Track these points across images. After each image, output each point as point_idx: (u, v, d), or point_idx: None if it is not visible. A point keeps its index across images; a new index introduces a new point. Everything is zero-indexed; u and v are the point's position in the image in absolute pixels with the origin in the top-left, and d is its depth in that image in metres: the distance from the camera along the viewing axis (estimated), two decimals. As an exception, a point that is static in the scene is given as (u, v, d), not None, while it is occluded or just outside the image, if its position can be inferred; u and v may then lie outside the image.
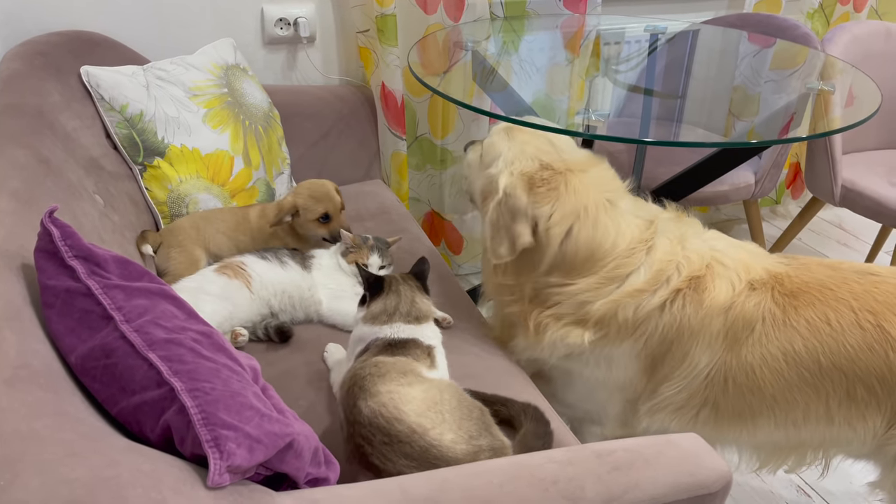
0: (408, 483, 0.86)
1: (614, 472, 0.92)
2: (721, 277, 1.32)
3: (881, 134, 2.55)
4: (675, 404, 1.35)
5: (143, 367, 0.81)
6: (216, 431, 0.75)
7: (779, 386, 1.29)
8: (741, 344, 1.29)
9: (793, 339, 1.28)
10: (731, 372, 1.30)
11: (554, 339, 1.35)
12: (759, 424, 1.34)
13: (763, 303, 1.30)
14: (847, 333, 1.26)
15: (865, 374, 1.25)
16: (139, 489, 0.67)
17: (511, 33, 2.35)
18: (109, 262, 0.91)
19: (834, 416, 1.30)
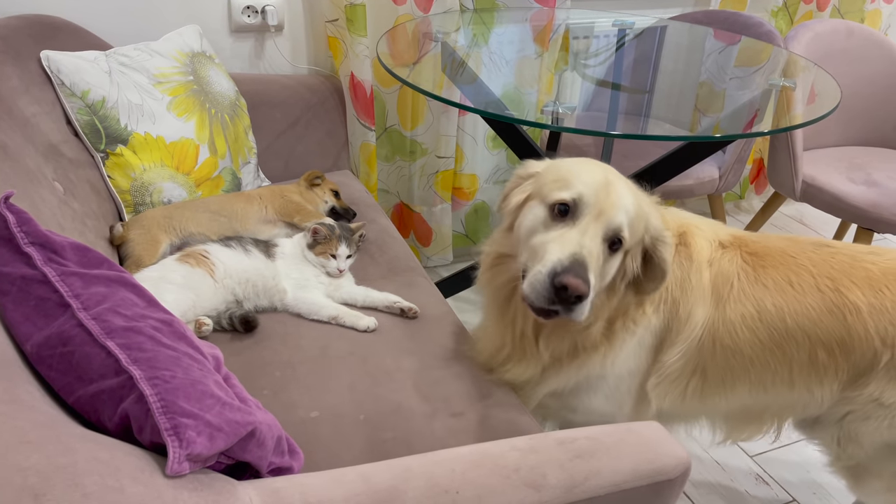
0: (370, 472, 0.86)
1: (576, 459, 0.93)
2: (698, 236, 1.33)
3: (841, 131, 2.61)
4: (672, 375, 1.33)
5: (101, 356, 0.79)
6: (176, 419, 0.74)
7: (755, 347, 1.30)
8: (724, 301, 1.29)
9: (763, 297, 1.29)
10: (718, 333, 1.29)
11: (623, 333, 1.29)
12: (736, 390, 1.35)
13: (735, 260, 1.32)
14: (808, 295, 1.28)
15: (826, 337, 1.28)
16: (96, 476, 0.66)
17: (481, 25, 2.35)
18: (67, 249, 0.89)
19: (796, 380, 1.32)
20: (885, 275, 1.28)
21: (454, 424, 1.26)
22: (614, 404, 1.36)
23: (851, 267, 1.30)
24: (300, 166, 2.14)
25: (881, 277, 1.28)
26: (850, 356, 1.28)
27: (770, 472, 1.91)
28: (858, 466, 1.39)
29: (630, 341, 1.29)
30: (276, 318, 1.52)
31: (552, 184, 1.19)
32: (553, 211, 1.16)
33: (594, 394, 1.35)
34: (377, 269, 1.73)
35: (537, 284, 1.10)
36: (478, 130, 2.56)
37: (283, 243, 1.63)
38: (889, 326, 1.25)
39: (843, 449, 1.38)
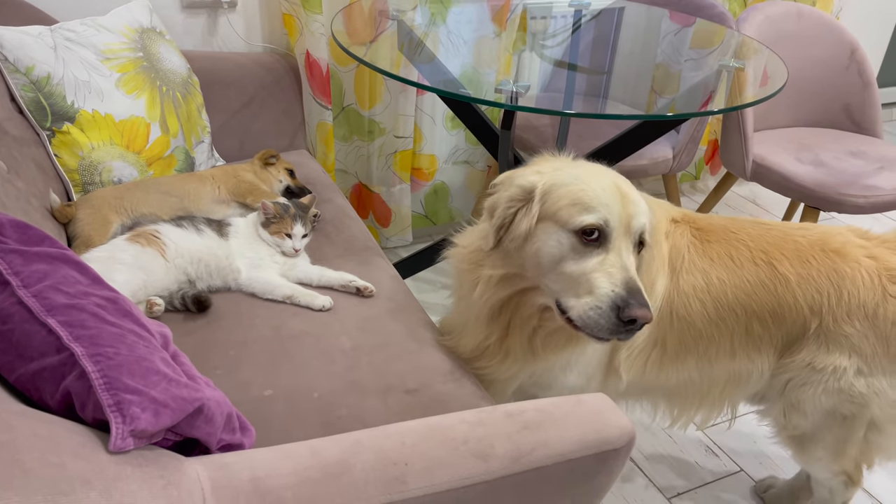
0: (319, 446, 0.87)
1: (524, 430, 0.94)
2: (655, 211, 1.34)
3: (792, 112, 2.66)
4: (637, 347, 1.37)
5: (42, 333, 0.78)
6: (119, 396, 0.74)
7: (703, 320, 1.35)
8: (678, 273, 1.34)
9: (710, 270, 1.35)
10: (674, 304, 1.33)
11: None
12: (687, 363, 1.39)
13: (685, 234, 1.37)
14: (745, 269, 1.34)
15: (759, 309, 1.34)
16: (36, 453, 0.65)
17: (438, 4, 2.34)
18: (6, 225, 0.87)
19: (737, 350, 1.37)
20: (812, 246, 1.35)
21: (408, 401, 1.27)
22: (585, 379, 1.39)
23: (783, 241, 1.36)
24: (256, 146, 2.11)
25: (808, 249, 1.35)
26: (782, 325, 1.34)
27: (719, 444, 1.97)
28: (803, 436, 1.44)
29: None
30: (229, 297, 1.50)
31: (570, 207, 1.16)
32: (580, 237, 1.15)
33: (569, 371, 1.37)
34: (333, 248, 1.72)
35: (601, 320, 1.12)
36: (436, 111, 2.55)
37: (236, 222, 1.61)
38: (815, 294, 1.32)
39: (788, 419, 1.43)
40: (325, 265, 1.61)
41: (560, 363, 1.35)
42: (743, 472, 1.89)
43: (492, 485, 0.90)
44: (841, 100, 2.65)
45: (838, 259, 1.33)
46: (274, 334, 1.40)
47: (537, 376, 1.39)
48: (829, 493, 1.56)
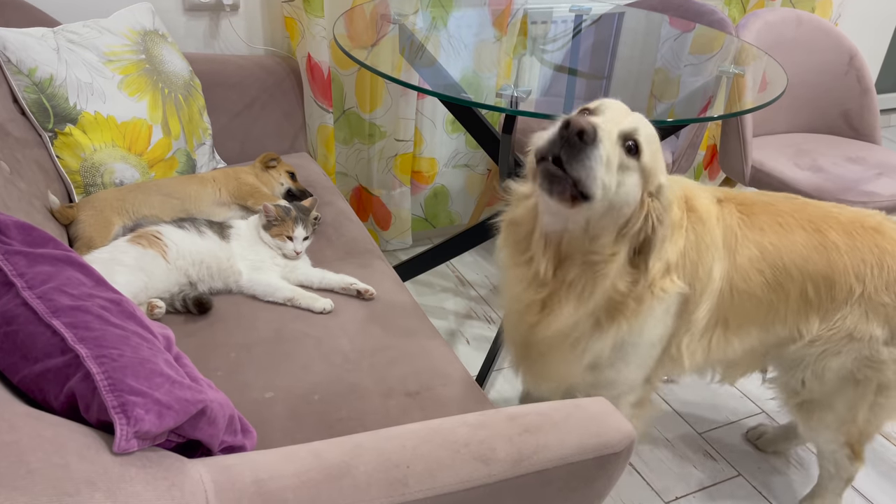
0: (321, 448, 0.87)
1: (524, 434, 0.95)
2: (700, 197, 1.37)
3: (790, 118, 2.67)
4: (700, 330, 1.38)
5: (47, 335, 0.78)
6: (123, 397, 0.74)
7: (763, 288, 1.37)
8: (734, 250, 1.35)
9: (762, 238, 1.37)
10: (734, 280, 1.35)
11: (653, 301, 1.27)
12: (750, 333, 1.42)
13: (732, 212, 1.38)
14: (796, 234, 1.37)
15: (814, 272, 1.37)
16: (40, 453, 0.65)
17: (439, 8, 2.35)
18: (11, 227, 0.87)
19: (789, 316, 1.41)
20: (852, 222, 1.40)
21: (408, 404, 1.28)
22: (641, 372, 1.40)
23: (824, 214, 1.41)
24: (257, 148, 2.12)
25: (849, 224, 1.40)
26: (832, 290, 1.38)
27: (717, 449, 1.97)
28: (813, 402, 1.50)
29: (658, 308, 1.31)
30: (230, 299, 1.51)
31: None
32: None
33: (628, 363, 1.37)
34: (334, 251, 1.73)
35: (546, 135, 1.10)
36: (437, 114, 2.56)
37: (238, 225, 1.62)
38: (860, 264, 1.36)
39: (805, 386, 1.48)
40: (326, 268, 1.62)
41: (612, 344, 1.31)
42: (741, 476, 1.89)
43: (492, 488, 0.90)
44: (839, 105, 2.66)
45: (877, 235, 1.39)
46: (275, 336, 1.41)
47: (599, 371, 1.36)
48: (834, 467, 1.62)
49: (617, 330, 1.28)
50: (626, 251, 1.21)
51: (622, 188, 1.14)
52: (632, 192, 1.16)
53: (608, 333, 1.29)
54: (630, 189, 1.15)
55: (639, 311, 1.27)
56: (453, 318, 2.41)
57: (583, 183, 1.09)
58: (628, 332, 1.29)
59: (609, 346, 1.31)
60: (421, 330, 1.48)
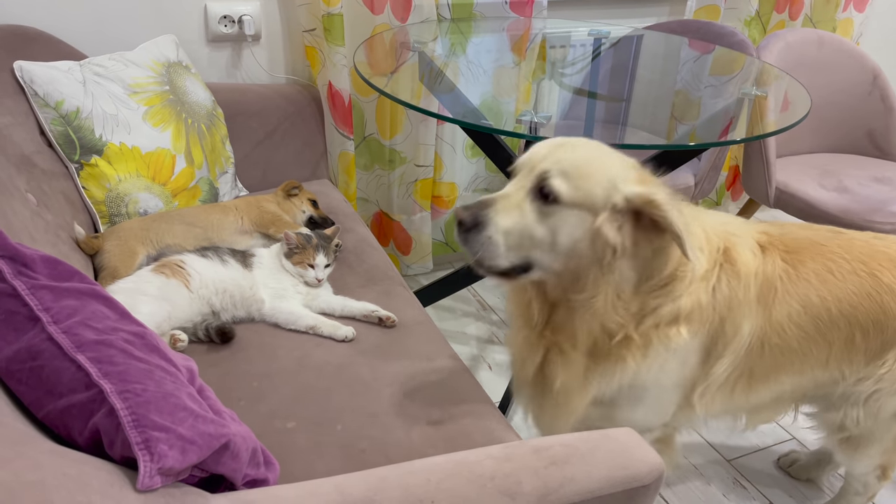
0: (344, 483, 0.86)
1: (551, 466, 0.93)
2: (741, 247, 1.29)
3: (814, 138, 2.65)
4: (719, 381, 1.33)
5: (72, 369, 0.78)
6: (147, 433, 0.74)
7: (801, 341, 1.32)
8: (770, 306, 1.29)
9: (808, 291, 1.31)
10: (766, 335, 1.30)
11: (659, 346, 1.21)
12: (780, 381, 1.37)
13: (776, 262, 1.31)
14: (848, 282, 1.31)
15: (864, 319, 1.32)
16: (64, 492, 0.65)
17: (458, 35, 2.37)
18: (37, 261, 0.88)
19: (830, 361, 1.35)
20: None
21: (431, 433, 1.26)
22: (657, 416, 1.36)
23: (873, 251, 1.35)
24: (278, 176, 2.13)
25: None
26: (882, 334, 1.33)
27: (747, 476, 1.93)
28: (861, 437, 1.46)
29: (671, 360, 1.25)
30: (252, 328, 1.51)
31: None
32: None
33: (637, 406, 1.32)
34: (355, 278, 1.73)
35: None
36: (456, 139, 2.57)
37: (260, 253, 1.62)
38: None
39: (857, 423, 1.43)
40: (348, 295, 1.61)
41: (618, 385, 1.25)
42: (772, 505, 1.85)
43: (519, 523, 0.88)
44: (864, 125, 2.63)
45: None
46: (297, 365, 1.40)
47: (605, 408, 1.31)
48: (863, 486, 1.62)
49: (623, 370, 1.24)
50: (613, 286, 1.15)
51: (559, 235, 1.12)
52: (576, 231, 1.12)
53: (614, 373, 1.24)
54: (572, 229, 1.12)
55: (646, 352, 1.22)
56: (475, 344, 2.39)
57: (487, 264, 1.13)
58: (636, 373, 1.24)
59: (616, 387, 1.26)
60: (443, 357, 1.47)
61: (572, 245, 1.13)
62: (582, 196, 1.11)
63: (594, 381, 1.26)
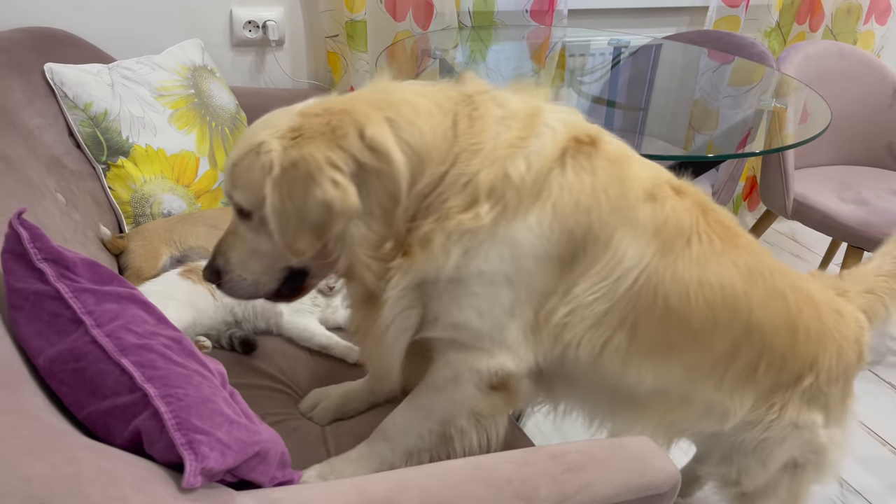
0: (365, 484, 0.88)
1: (567, 473, 0.94)
2: (632, 160, 1.11)
3: (833, 150, 2.64)
4: (590, 318, 1.08)
5: (115, 373, 0.81)
6: (190, 435, 0.76)
7: (706, 323, 1.11)
8: (676, 255, 1.09)
9: (733, 276, 1.12)
10: (665, 286, 1.08)
11: (446, 234, 1.01)
12: (669, 367, 1.15)
13: (696, 217, 1.11)
14: (777, 299, 1.15)
15: (777, 349, 1.17)
16: (98, 486, 0.67)
17: (478, 42, 2.39)
18: (79, 265, 0.90)
19: (726, 379, 1.17)
20: (825, 302, 1.24)
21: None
22: (485, 321, 1.07)
23: (806, 285, 1.23)
24: (299, 179, 2.16)
25: (821, 304, 1.23)
26: (781, 373, 1.19)
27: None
28: (756, 491, 1.31)
29: (476, 242, 1.02)
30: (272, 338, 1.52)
31: None
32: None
33: (459, 306, 1.06)
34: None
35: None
36: (474, 145, 2.58)
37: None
38: (820, 351, 1.20)
39: (748, 476, 1.29)
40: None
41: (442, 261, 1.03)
42: (785, 517, 1.84)
43: (535, 527, 0.90)
44: (884, 138, 2.62)
45: (840, 319, 1.24)
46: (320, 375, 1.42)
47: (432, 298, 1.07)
48: None
49: (409, 266, 1.03)
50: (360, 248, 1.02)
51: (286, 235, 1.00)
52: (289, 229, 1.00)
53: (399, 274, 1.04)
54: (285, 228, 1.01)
55: (431, 247, 1.02)
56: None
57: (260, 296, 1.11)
58: (425, 263, 1.02)
59: (408, 284, 1.05)
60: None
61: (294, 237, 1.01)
62: (249, 195, 1.01)
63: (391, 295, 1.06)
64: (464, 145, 1.03)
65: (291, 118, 1.01)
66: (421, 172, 1.02)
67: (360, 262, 1.03)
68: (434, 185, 1.02)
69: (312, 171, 0.96)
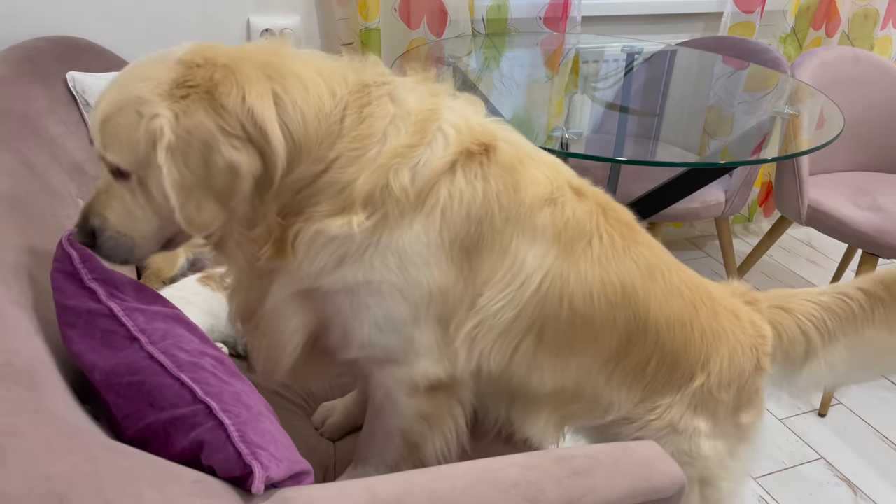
0: (374, 484, 0.90)
1: (574, 476, 0.96)
2: (530, 164, 1.07)
3: (849, 156, 2.63)
4: (498, 327, 1.08)
5: (175, 386, 0.85)
6: (252, 448, 0.82)
7: (607, 324, 1.11)
8: (578, 256, 1.08)
9: (634, 274, 1.11)
10: (570, 288, 1.08)
11: (307, 236, 0.98)
12: (567, 365, 1.14)
13: (596, 217, 1.11)
14: (674, 297, 1.15)
15: (670, 348, 1.16)
16: (116, 484, 0.70)
17: (492, 49, 2.41)
18: (126, 285, 0.94)
19: (616, 375, 1.17)
20: (722, 302, 1.22)
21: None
22: (387, 335, 1.06)
23: (700, 283, 1.22)
24: (314, 185, 2.19)
25: (719, 303, 1.22)
26: (672, 373, 1.18)
27: (773, 495, 1.92)
28: None
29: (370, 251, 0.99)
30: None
31: None
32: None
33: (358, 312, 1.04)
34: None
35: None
36: (488, 151, 2.60)
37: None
38: (713, 353, 1.19)
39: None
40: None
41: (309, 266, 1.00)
42: (797, 524, 1.84)
43: (541, 530, 0.91)
44: (900, 144, 2.61)
45: (736, 321, 1.22)
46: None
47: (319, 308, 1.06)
48: None
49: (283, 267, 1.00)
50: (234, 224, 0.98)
51: (153, 206, 0.97)
52: (158, 194, 0.95)
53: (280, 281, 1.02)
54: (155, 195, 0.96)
55: (297, 251, 0.99)
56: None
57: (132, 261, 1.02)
58: (298, 269, 0.99)
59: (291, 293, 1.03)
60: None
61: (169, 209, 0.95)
62: (129, 156, 0.93)
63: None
64: (346, 147, 0.97)
65: (171, 67, 0.93)
66: (297, 163, 0.96)
67: (233, 237, 0.99)
68: (308, 182, 0.97)
69: (207, 138, 0.90)
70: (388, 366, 1.09)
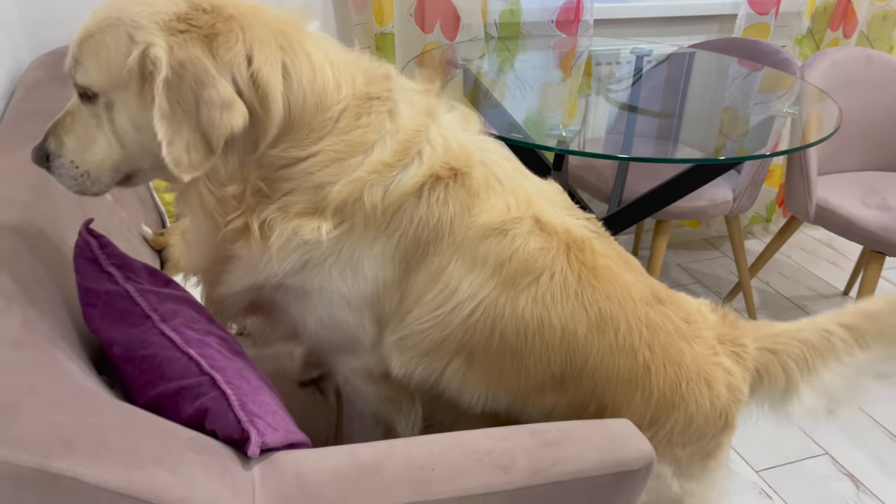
0: (356, 449, 0.98)
1: (545, 447, 1.02)
2: (495, 191, 1.07)
3: (862, 156, 2.64)
4: (425, 345, 1.09)
5: (183, 360, 0.95)
6: (250, 416, 0.92)
7: (539, 363, 1.10)
8: (520, 291, 1.06)
9: (578, 321, 1.08)
10: (503, 321, 1.07)
11: (283, 237, 0.99)
12: (498, 393, 1.14)
13: (552, 254, 1.08)
14: (622, 355, 1.12)
15: (610, 401, 1.14)
16: (118, 435, 0.79)
17: (505, 52, 2.48)
18: (140, 269, 1.05)
19: (554, 411, 1.15)
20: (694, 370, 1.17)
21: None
22: (337, 333, 1.10)
23: (680, 348, 1.16)
24: (331, 183, 2.28)
25: (689, 371, 1.16)
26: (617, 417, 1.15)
27: (774, 488, 1.95)
28: None
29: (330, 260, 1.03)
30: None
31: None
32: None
33: (309, 312, 1.08)
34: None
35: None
36: (502, 151, 2.67)
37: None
38: (663, 415, 1.16)
39: None
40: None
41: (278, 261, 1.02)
42: (796, 516, 1.87)
43: (511, 495, 0.98)
44: (915, 144, 2.60)
45: (707, 391, 1.17)
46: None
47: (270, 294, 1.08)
48: None
49: (248, 256, 1.02)
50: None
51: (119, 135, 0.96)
52: (125, 124, 0.94)
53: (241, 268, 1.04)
54: (123, 123, 0.95)
55: (268, 245, 1.00)
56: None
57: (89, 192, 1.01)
58: (266, 264, 1.02)
59: (252, 284, 1.05)
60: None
61: (139, 141, 0.94)
62: (104, 77, 0.91)
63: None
64: (332, 145, 0.99)
65: (176, 1, 0.92)
66: (284, 137, 0.97)
67: (198, 189, 0.98)
68: (287, 163, 0.98)
69: (201, 74, 0.89)
70: (340, 354, 1.14)
